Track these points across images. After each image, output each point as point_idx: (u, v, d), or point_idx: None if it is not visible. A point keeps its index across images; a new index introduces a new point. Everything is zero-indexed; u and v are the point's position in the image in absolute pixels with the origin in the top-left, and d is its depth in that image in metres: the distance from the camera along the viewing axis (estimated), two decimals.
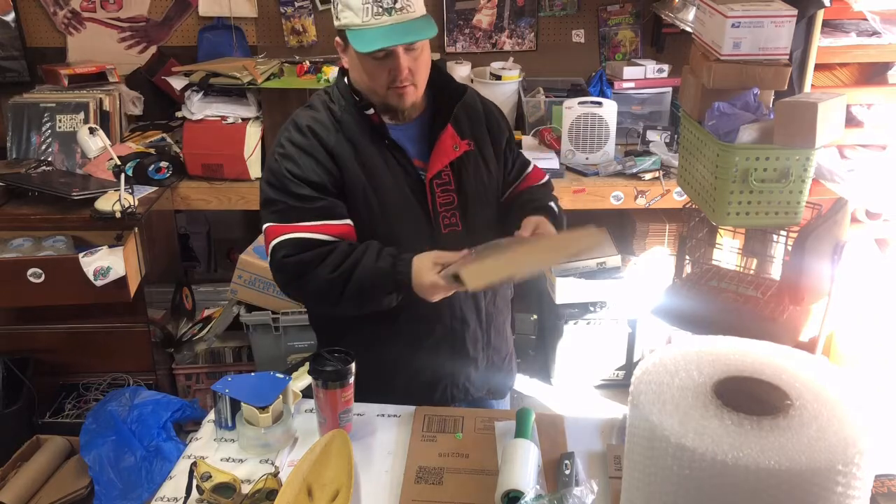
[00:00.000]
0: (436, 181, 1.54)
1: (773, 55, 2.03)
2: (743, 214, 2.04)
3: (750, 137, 1.98)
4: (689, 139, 2.18)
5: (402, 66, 1.43)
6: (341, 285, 1.45)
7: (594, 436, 1.44)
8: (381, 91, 1.48)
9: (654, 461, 0.89)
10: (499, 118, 1.69)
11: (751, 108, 2.04)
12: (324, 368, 1.37)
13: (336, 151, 1.50)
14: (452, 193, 1.56)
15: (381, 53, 1.43)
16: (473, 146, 1.59)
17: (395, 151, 1.53)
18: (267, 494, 1.25)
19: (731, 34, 1.99)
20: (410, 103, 1.51)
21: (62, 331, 2.62)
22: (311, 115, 1.54)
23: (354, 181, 1.51)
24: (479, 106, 1.65)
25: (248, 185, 2.74)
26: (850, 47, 2.61)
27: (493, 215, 1.64)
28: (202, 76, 2.66)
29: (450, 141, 1.55)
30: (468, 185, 1.57)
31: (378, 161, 1.52)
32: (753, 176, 1.97)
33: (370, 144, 1.52)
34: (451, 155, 1.55)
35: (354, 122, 1.52)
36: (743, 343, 1.02)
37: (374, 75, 1.46)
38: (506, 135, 1.68)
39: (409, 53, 1.45)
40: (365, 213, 1.51)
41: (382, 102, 1.51)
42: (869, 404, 0.89)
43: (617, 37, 3.21)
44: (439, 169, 1.54)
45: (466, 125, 1.61)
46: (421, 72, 1.49)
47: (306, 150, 1.49)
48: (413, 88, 1.48)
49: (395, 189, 1.52)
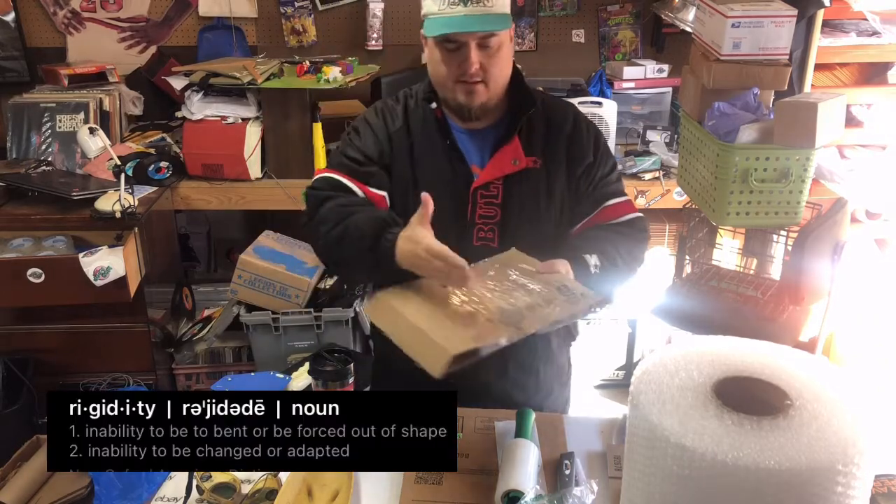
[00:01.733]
0: (482, 191, 1.49)
1: (773, 55, 2.03)
2: (743, 214, 2.04)
3: (750, 137, 1.98)
4: (689, 139, 2.18)
5: (471, 59, 1.39)
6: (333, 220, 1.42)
7: (594, 436, 1.44)
8: (451, 85, 1.44)
9: (654, 461, 0.89)
10: (585, 142, 1.54)
11: (751, 108, 2.04)
12: (324, 368, 1.37)
13: (394, 140, 1.51)
14: (496, 207, 1.49)
15: (452, 45, 1.40)
16: (541, 164, 1.50)
17: (453, 153, 1.50)
18: (267, 494, 1.25)
19: (731, 34, 2.00)
20: (479, 103, 1.45)
21: (62, 331, 2.62)
22: (389, 102, 1.57)
23: (401, 172, 1.51)
24: (568, 125, 1.54)
25: (248, 185, 2.74)
26: (850, 47, 2.61)
27: (543, 241, 1.48)
28: (202, 76, 2.66)
29: (511, 154, 1.49)
30: (517, 202, 1.49)
31: (433, 159, 1.50)
32: (753, 176, 1.97)
33: (431, 141, 1.51)
34: (506, 169, 1.48)
35: (423, 116, 1.52)
36: (743, 343, 1.02)
37: (444, 67, 1.43)
38: (587, 161, 1.53)
39: (483, 50, 1.40)
40: (402, 205, 1.49)
41: (452, 99, 1.47)
42: (869, 404, 0.89)
43: (617, 37, 3.21)
44: (488, 180, 1.48)
45: (540, 141, 1.51)
46: (494, 71, 1.43)
47: (372, 127, 1.53)
48: (483, 87, 1.43)
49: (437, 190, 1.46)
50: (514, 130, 1.49)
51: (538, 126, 1.52)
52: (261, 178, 2.77)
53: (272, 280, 2.63)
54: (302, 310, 2.64)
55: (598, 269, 1.43)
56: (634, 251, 1.53)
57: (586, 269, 1.41)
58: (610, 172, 1.57)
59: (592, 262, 1.43)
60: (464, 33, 1.38)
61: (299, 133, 2.71)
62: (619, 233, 1.52)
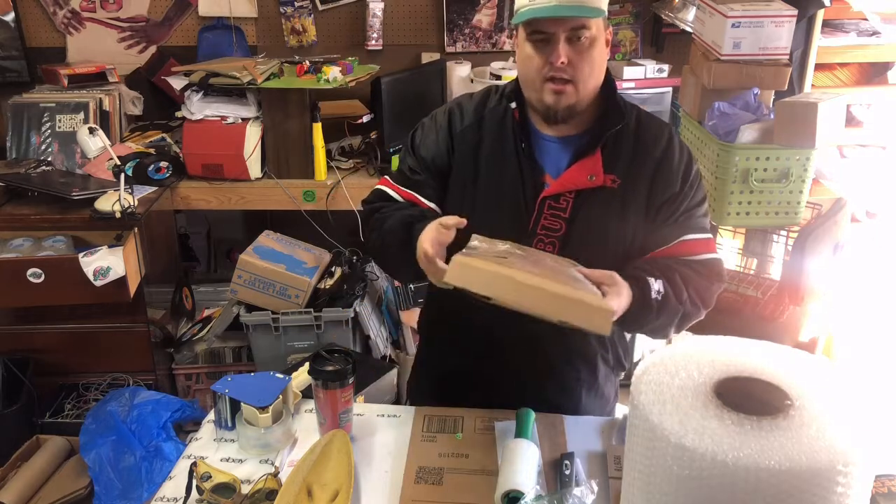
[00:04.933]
0: (550, 201, 1.40)
1: (773, 55, 2.03)
2: (743, 214, 2.04)
3: (750, 137, 1.98)
4: (689, 139, 2.18)
5: (559, 52, 1.29)
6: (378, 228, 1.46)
7: (594, 436, 1.44)
8: (538, 83, 1.34)
9: (654, 461, 0.89)
10: (675, 170, 1.41)
11: (751, 108, 2.05)
12: (324, 368, 1.37)
13: (458, 139, 1.47)
14: (562, 221, 1.40)
15: (541, 36, 1.31)
16: (619, 185, 1.40)
17: (526, 157, 1.42)
18: (267, 494, 1.25)
19: (731, 34, 2.00)
20: (566, 105, 1.35)
21: (62, 331, 2.62)
22: (465, 99, 1.53)
23: (462, 173, 1.46)
24: (660, 149, 1.41)
25: (248, 185, 2.74)
26: (850, 47, 2.61)
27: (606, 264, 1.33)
28: (202, 76, 2.66)
29: (589, 168, 1.39)
30: (586, 220, 1.40)
31: (501, 160, 1.43)
32: (753, 176, 1.97)
33: (504, 142, 1.44)
34: (581, 183, 1.39)
35: (502, 115, 1.45)
36: (743, 343, 1.02)
37: (532, 63, 1.34)
38: (672, 190, 1.41)
39: (573, 45, 1.30)
40: (458, 206, 1.44)
41: (538, 99, 1.37)
42: (869, 404, 0.89)
43: (617, 37, 3.21)
44: (559, 191, 1.40)
45: (624, 161, 1.41)
46: (584, 69, 1.32)
47: (436, 125, 1.50)
48: (572, 88, 1.33)
49: (499, 192, 1.43)
50: (598, 143, 1.39)
51: (626, 143, 1.41)
52: (261, 178, 2.77)
53: (272, 280, 2.63)
54: (302, 310, 2.64)
55: (661, 297, 1.32)
56: (704, 293, 1.41)
57: (647, 292, 1.31)
58: (697, 206, 1.44)
59: (656, 287, 1.32)
60: (552, 22, 1.29)
61: (299, 133, 2.71)
62: (692, 269, 1.41)
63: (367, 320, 2.74)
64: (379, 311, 2.90)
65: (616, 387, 1.68)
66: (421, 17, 3.14)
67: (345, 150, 2.91)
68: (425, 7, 3.13)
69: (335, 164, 2.81)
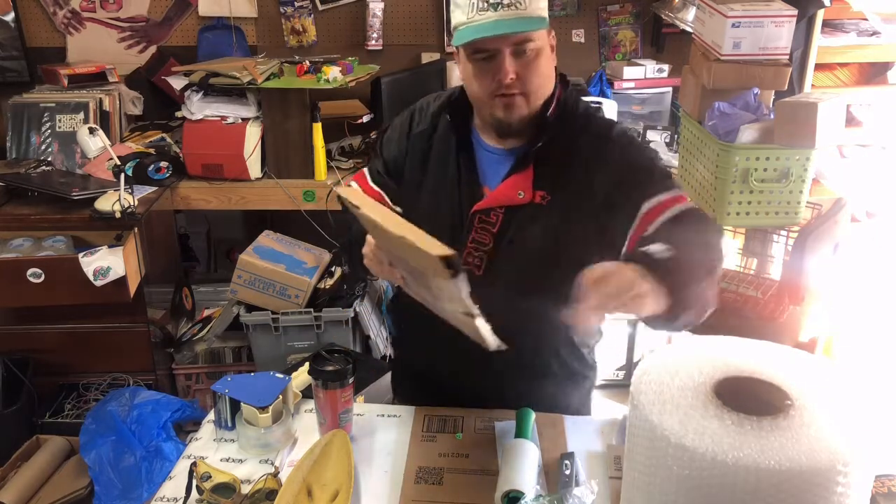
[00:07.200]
0: (481, 215, 1.39)
1: (773, 55, 2.03)
2: (743, 214, 2.04)
3: (750, 137, 1.98)
4: (689, 139, 2.18)
5: (506, 68, 1.27)
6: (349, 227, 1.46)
7: (594, 436, 1.44)
8: (487, 100, 1.32)
9: (654, 461, 0.89)
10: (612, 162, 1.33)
11: (751, 108, 2.05)
12: (324, 368, 1.37)
13: (413, 140, 1.47)
14: (491, 236, 1.39)
15: (484, 54, 1.28)
16: (548, 202, 1.35)
17: (465, 169, 1.41)
18: (267, 494, 1.25)
19: (731, 34, 2.00)
20: (518, 117, 1.32)
21: (62, 331, 2.62)
22: (429, 100, 1.52)
23: (412, 176, 1.47)
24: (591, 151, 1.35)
25: (248, 184, 2.74)
26: (850, 47, 2.61)
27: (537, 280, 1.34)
28: (202, 76, 2.66)
29: (519, 184, 1.36)
30: (512, 237, 1.38)
31: (444, 169, 1.43)
32: (753, 176, 1.97)
33: (451, 152, 1.43)
34: (511, 199, 1.36)
35: (450, 124, 1.44)
36: (743, 343, 1.02)
37: (478, 81, 1.31)
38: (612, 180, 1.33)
39: (519, 58, 1.28)
40: (407, 210, 1.43)
41: (490, 115, 1.34)
42: (869, 404, 0.89)
43: (617, 37, 3.21)
44: (490, 206, 1.38)
45: (558, 174, 1.36)
46: (533, 81, 1.30)
47: (401, 125, 1.51)
48: (522, 99, 1.31)
49: (438, 201, 1.43)
50: (531, 158, 1.36)
51: (561, 156, 1.36)
52: (261, 178, 2.77)
53: (272, 280, 2.63)
54: (302, 310, 2.64)
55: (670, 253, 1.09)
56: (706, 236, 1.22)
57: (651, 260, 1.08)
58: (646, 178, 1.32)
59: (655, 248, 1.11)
60: (495, 39, 1.26)
61: (299, 133, 2.71)
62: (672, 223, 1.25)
63: (367, 320, 2.74)
64: (379, 311, 2.90)
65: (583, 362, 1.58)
66: (421, 17, 3.15)
67: (345, 150, 2.91)
68: (425, 7, 3.13)
69: (335, 164, 2.81)
